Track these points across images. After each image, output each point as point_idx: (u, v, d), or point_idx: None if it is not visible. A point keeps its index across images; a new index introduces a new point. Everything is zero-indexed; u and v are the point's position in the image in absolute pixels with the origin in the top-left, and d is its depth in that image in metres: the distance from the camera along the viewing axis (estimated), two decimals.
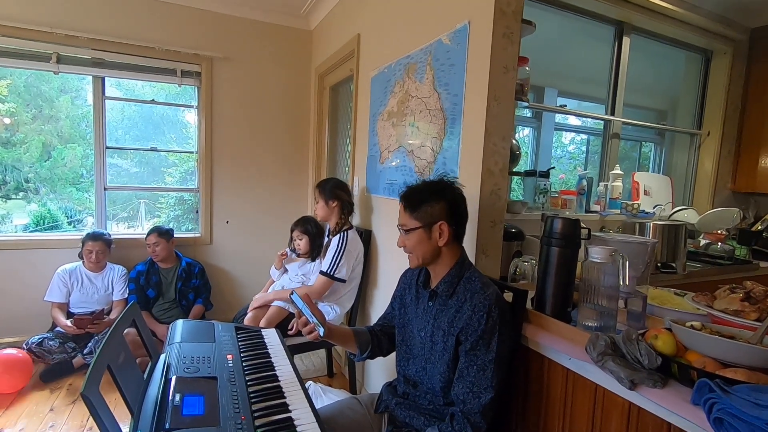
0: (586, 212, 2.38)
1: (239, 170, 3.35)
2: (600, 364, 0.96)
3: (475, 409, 1.07)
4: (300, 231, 2.39)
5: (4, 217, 3.47)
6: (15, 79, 3.30)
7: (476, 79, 1.48)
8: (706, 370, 0.86)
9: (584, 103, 2.85)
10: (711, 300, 1.14)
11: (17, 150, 3.41)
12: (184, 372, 1.09)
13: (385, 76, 2.16)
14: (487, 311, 1.09)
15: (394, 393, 1.32)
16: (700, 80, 2.94)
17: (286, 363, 1.29)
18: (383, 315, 1.47)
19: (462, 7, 1.56)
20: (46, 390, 2.38)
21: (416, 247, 1.21)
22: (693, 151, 2.97)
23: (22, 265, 2.85)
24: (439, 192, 1.21)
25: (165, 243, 2.87)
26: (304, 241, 2.38)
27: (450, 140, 1.63)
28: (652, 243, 1.27)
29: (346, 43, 2.68)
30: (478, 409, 1.07)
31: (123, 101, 3.33)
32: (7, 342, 2.74)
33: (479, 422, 1.07)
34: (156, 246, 2.84)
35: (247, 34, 3.25)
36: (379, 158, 2.23)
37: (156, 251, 2.85)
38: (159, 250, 2.85)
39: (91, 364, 0.82)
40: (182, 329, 1.38)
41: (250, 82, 3.31)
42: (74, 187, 3.66)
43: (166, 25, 3.01)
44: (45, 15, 2.71)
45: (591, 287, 1.14)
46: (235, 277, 3.42)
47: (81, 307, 2.70)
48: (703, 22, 2.58)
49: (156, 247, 2.84)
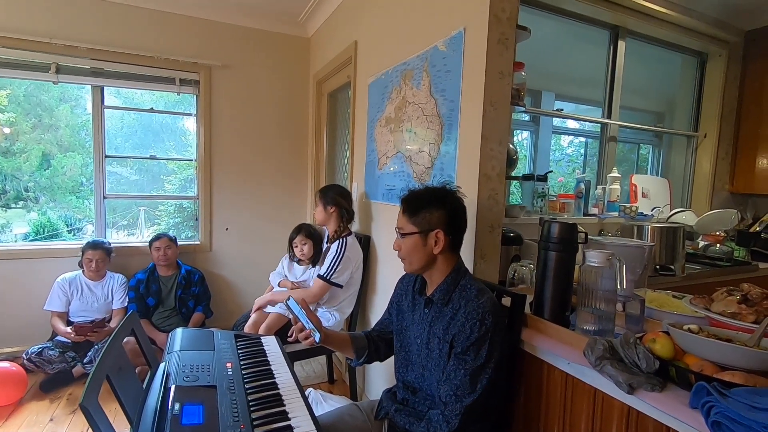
0: (585, 215, 2.38)
1: (238, 177, 3.36)
2: (598, 369, 0.96)
3: (456, 411, 1.08)
4: (303, 236, 2.39)
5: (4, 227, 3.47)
6: (15, 89, 3.31)
7: (472, 84, 1.49)
8: (703, 374, 0.86)
9: (582, 106, 2.87)
10: (708, 303, 1.15)
11: (17, 159, 3.41)
12: (184, 381, 1.09)
13: (382, 83, 2.18)
14: (480, 319, 1.09)
15: (394, 399, 1.32)
16: (696, 82, 2.96)
17: (286, 370, 1.29)
18: (380, 320, 1.47)
19: (457, 14, 1.58)
20: (46, 400, 2.37)
21: (410, 253, 1.21)
22: (690, 152, 2.98)
23: (22, 274, 2.85)
24: (439, 199, 1.21)
25: (175, 247, 2.92)
26: (308, 245, 2.38)
27: (447, 146, 1.64)
28: (649, 246, 1.27)
29: (343, 50, 2.69)
30: (459, 411, 1.08)
31: (122, 110, 3.34)
32: (7, 352, 2.74)
33: (455, 423, 1.08)
34: (168, 249, 2.87)
35: (245, 42, 3.27)
36: (378, 164, 2.23)
37: (167, 254, 2.87)
38: (170, 254, 2.88)
39: (90, 374, 0.82)
40: (182, 337, 1.38)
41: (248, 89, 3.33)
42: (74, 195, 3.66)
43: (164, 34, 3.03)
44: (44, 25, 2.73)
45: (589, 291, 1.14)
46: (235, 284, 3.42)
47: (81, 315, 2.69)
48: (698, 25, 2.60)
49: (168, 250, 2.87)
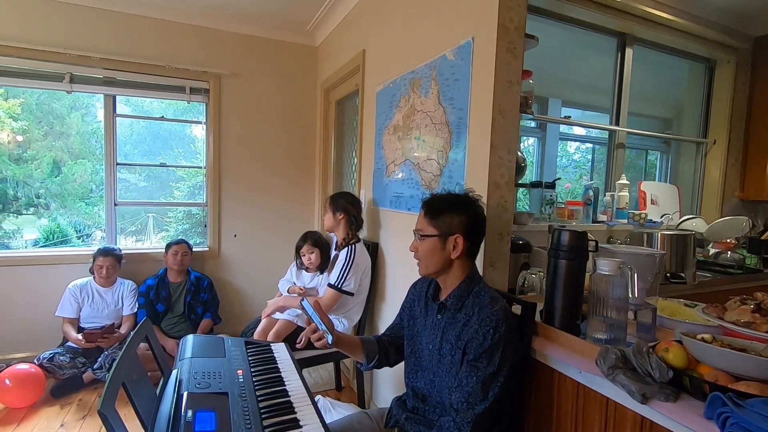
0: (593, 222, 2.37)
1: (246, 184, 3.39)
2: (611, 378, 0.96)
3: (468, 418, 1.08)
4: (310, 244, 2.40)
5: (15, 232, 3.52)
6: (27, 97, 3.37)
7: (481, 93, 1.51)
8: (718, 384, 0.85)
9: (588, 112, 2.86)
10: (722, 311, 1.14)
11: (28, 166, 3.47)
12: (196, 388, 1.10)
13: (390, 91, 2.19)
14: (494, 326, 1.09)
15: (404, 407, 1.32)
16: (704, 89, 2.94)
17: (296, 377, 1.29)
18: (391, 325, 1.47)
19: (466, 24, 1.59)
20: (56, 405, 2.39)
21: (427, 255, 1.22)
22: (699, 159, 2.97)
23: (34, 280, 2.89)
24: (462, 205, 1.22)
25: (191, 255, 2.99)
26: (315, 253, 2.39)
27: (456, 153, 1.64)
28: (660, 254, 1.27)
29: (351, 58, 2.72)
30: (471, 418, 1.07)
31: (133, 118, 3.39)
32: (20, 357, 2.77)
33: (467, 431, 1.07)
34: (184, 255, 2.92)
35: (253, 51, 3.32)
36: (386, 171, 2.25)
37: (183, 261, 2.92)
38: (186, 261, 2.94)
39: (107, 381, 0.83)
40: (193, 344, 1.39)
41: (257, 97, 3.37)
42: (84, 201, 3.71)
43: (175, 44, 3.09)
44: (58, 36, 2.79)
45: (600, 300, 1.14)
46: (244, 290, 3.44)
47: (91, 322, 2.72)
48: (705, 31, 2.59)
49: (184, 256, 2.92)
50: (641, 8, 2.32)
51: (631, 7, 2.31)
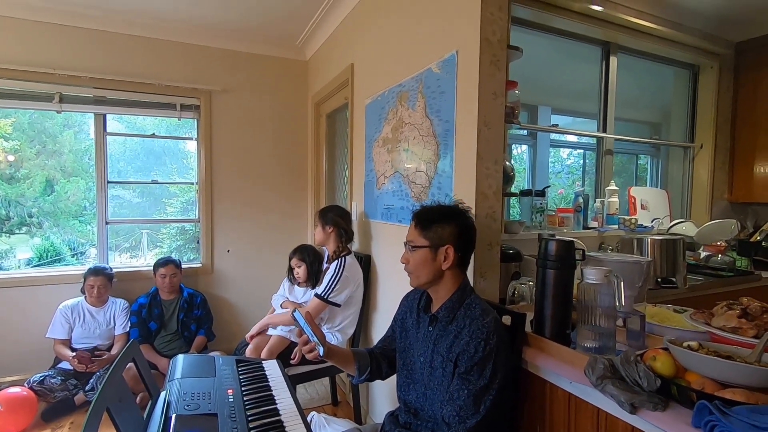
0: (584, 229, 2.38)
1: (239, 199, 3.39)
2: (600, 388, 0.95)
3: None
4: (297, 259, 2.42)
5: (8, 252, 3.49)
6: (19, 117, 3.37)
7: (466, 105, 1.52)
8: (705, 392, 0.85)
9: (578, 119, 2.89)
10: (709, 317, 1.14)
11: (21, 185, 3.46)
12: (185, 410, 1.08)
13: (378, 104, 2.21)
14: (484, 338, 1.09)
15: (397, 423, 1.31)
16: (690, 94, 2.99)
17: (288, 395, 1.28)
18: (383, 337, 1.47)
19: (450, 38, 1.62)
20: (47, 429, 2.35)
21: (419, 266, 1.22)
22: (688, 163, 3.00)
23: (24, 301, 2.86)
24: (452, 216, 1.23)
25: (180, 274, 2.92)
26: (302, 268, 2.41)
27: (444, 165, 1.65)
28: (647, 262, 1.28)
29: (340, 72, 2.74)
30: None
31: (124, 136, 3.39)
32: (10, 381, 2.72)
33: None
34: (173, 277, 2.86)
35: (244, 66, 3.34)
36: (376, 184, 2.25)
37: (172, 282, 2.86)
38: (176, 281, 2.88)
39: (90, 407, 0.82)
40: (183, 364, 1.38)
41: (248, 113, 3.38)
42: (77, 219, 3.69)
43: (164, 62, 3.10)
44: (47, 56, 2.80)
45: (588, 309, 1.14)
46: (237, 306, 3.42)
47: (83, 342, 2.69)
48: (688, 38, 2.64)
49: (173, 278, 2.87)
50: (624, 18, 2.36)
51: (614, 17, 2.34)
